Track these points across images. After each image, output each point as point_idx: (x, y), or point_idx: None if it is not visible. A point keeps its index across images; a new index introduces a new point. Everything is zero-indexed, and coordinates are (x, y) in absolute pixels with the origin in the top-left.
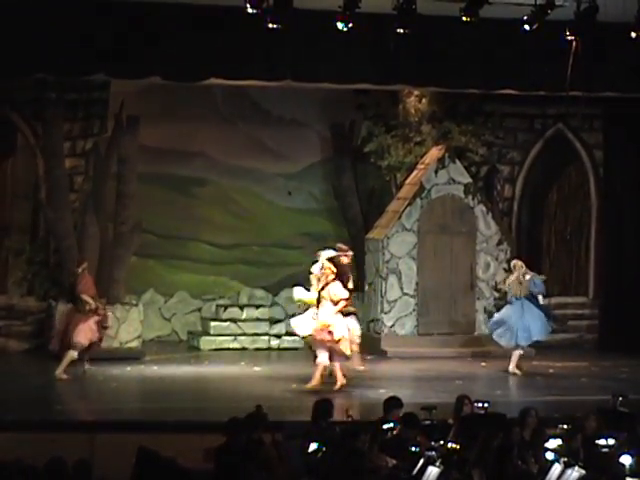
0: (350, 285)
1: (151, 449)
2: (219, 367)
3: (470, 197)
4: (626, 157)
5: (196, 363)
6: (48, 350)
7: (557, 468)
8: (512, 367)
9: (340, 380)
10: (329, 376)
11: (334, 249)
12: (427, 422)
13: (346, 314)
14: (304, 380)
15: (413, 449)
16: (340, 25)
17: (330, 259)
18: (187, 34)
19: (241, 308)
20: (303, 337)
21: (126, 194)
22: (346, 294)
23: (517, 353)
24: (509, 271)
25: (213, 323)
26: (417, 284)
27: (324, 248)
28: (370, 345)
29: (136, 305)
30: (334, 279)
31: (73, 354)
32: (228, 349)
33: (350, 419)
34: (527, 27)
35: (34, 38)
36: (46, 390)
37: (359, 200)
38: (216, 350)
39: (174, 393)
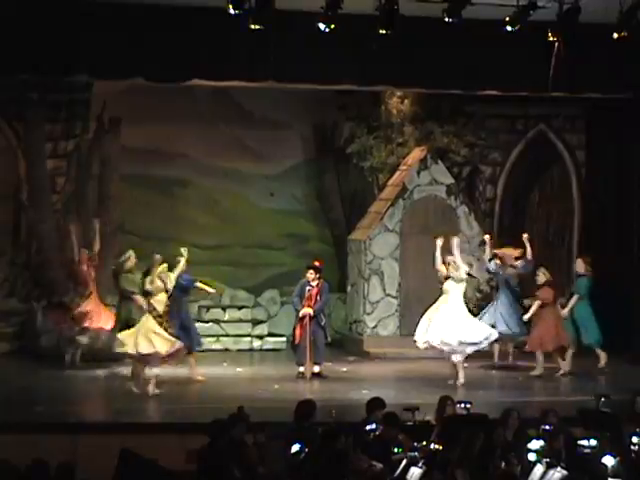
0: None
1: (134, 451)
2: (201, 368)
3: (452, 198)
4: (608, 158)
5: (178, 365)
6: (30, 351)
7: (539, 469)
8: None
9: None
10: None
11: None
12: (410, 423)
13: None
14: (286, 381)
15: (395, 450)
16: (322, 26)
17: None
18: (169, 35)
19: (223, 309)
20: None
21: (108, 195)
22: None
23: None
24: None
25: (196, 324)
26: (399, 285)
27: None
28: (352, 346)
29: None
30: None
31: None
32: (211, 350)
33: (333, 419)
34: (509, 28)
35: (16, 38)
36: (28, 392)
37: (341, 201)
38: (199, 351)
39: (156, 394)
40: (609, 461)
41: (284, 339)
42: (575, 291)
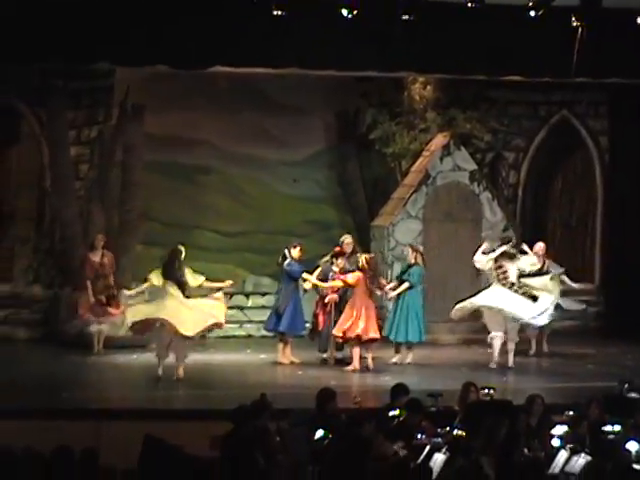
0: None
1: (158, 437)
2: (225, 355)
3: (475, 184)
4: (632, 143)
5: (202, 351)
6: (55, 338)
7: (563, 455)
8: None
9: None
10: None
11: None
12: (433, 409)
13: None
14: (310, 367)
15: (419, 436)
16: (345, 12)
17: None
18: (192, 21)
19: (247, 296)
20: None
21: (131, 182)
22: None
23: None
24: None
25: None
26: None
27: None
28: None
29: (142, 293)
30: None
31: None
32: (234, 337)
33: (358, 406)
34: (533, 13)
35: (39, 26)
36: (53, 378)
37: (364, 187)
38: (222, 338)
39: (180, 381)
40: (633, 447)
41: (307, 325)
42: (407, 279)
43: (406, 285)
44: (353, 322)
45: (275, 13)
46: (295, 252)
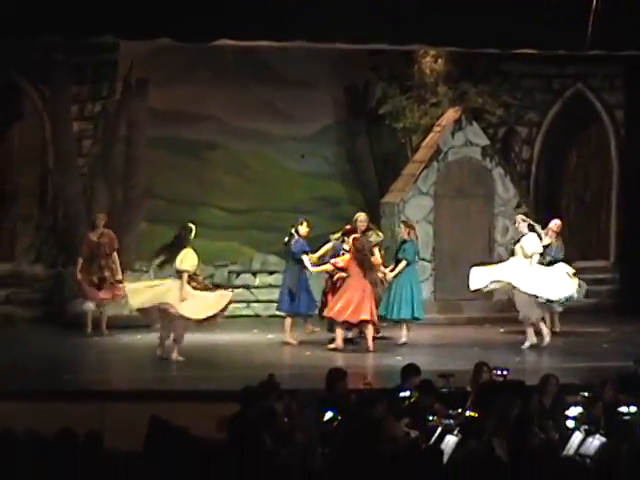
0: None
1: (163, 419)
2: (231, 335)
3: (488, 159)
4: None
5: (208, 331)
6: (57, 318)
7: (578, 436)
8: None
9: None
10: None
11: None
12: (444, 390)
13: None
14: (318, 347)
15: (430, 417)
16: None
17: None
18: None
19: (254, 274)
20: None
21: (135, 158)
22: None
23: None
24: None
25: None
26: (434, 249)
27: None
28: None
29: (147, 272)
30: None
31: None
32: (241, 316)
33: (368, 387)
34: None
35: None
36: (55, 359)
37: (374, 163)
38: (228, 317)
39: (185, 361)
40: None
41: (316, 304)
42: (402, 256)
43: (403, 264)
44: (342, 306)
45: None
46: (302, 229)
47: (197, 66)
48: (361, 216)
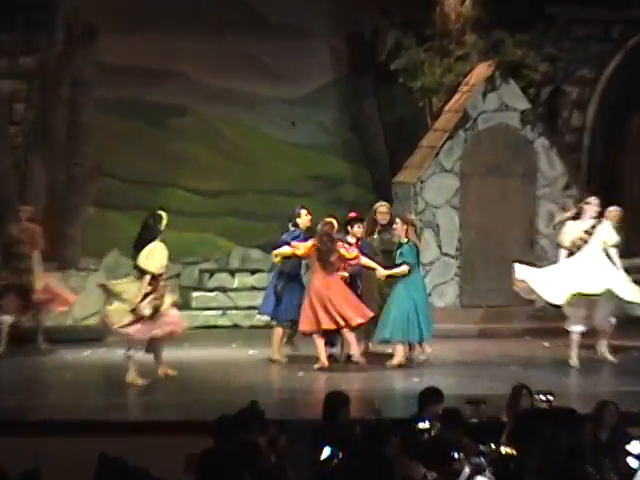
0: None
1: (116, 456)
2: (204, 350)
3: (528, 128)
4: None
5: (174, 345)
6: None
7: None
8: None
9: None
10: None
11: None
12: (474, 420)
13: None
14: (314, 366)
15: (456, 455)
16: None
17: None
18: None
19: (232, 274)
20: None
21: (82, 126)
22: None
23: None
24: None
25: (195, 294)
26: (460, 242)
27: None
28: None
29: (96, 271)
30: None
31: None
32: (215, 327)
33: (377, 416)
34: None
35: None
36: None
37: (384, 133)
38: (200, 328)
39: (146, 385)
40: None
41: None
42: (402, 261)
43: (404, 268)
44: (307, 316)
45: None
46: (302, 219)
47: (161, 9)
48: (382, 207)
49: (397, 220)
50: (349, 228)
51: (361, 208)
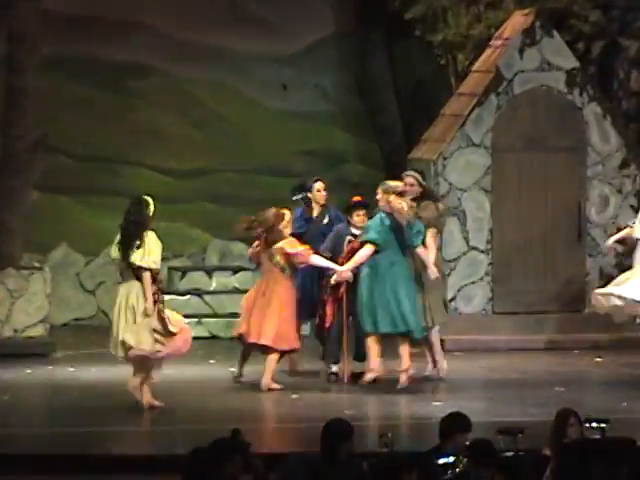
0: None
1: None
2: (174, 368)
3: (576, 91)
4: None
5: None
6: None
7: None
8: None
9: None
10: None
11: None
12: (509, 453)
13: None
14: (310, 387)
15: None
16: None
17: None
18: None
19: (209, 273)
20: None
21: (22, 91)
22: None
23: None
24: None
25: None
26: (491, 232)
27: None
28: None
29: (40, 269)
30: None
31: None
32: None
33: (387, 449)
34: None
35: None
36: None
37: (397, 98)
38: None
39: (103, 410)
40: None
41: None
42: (366, 238)
43: (365, 251)
44: (246, 321)
45: None
46: (318, 194)
47: None
48: (408, 178)
49: (380, 187)
50: (356, 217)
51: (368, 191)
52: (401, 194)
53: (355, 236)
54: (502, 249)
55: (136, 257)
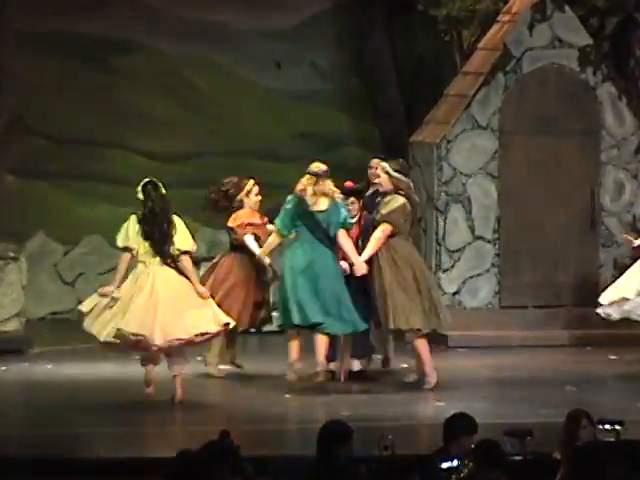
0: None
1: None
2: (159, 365)
3: (589, 70)
4: None
5: (120, 359)
6: None
7: None
8: None
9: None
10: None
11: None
12: (517, 457)
13: None
14: (304, 386)
15: None
16: None
17: None
18: None
19: (197, 264)
20: None
21: None
22: None
23: None
24: None
25: None
26: (498, 221)
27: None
28: None
29: (15, 259)
30: None
31: None
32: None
33: (388, 453)
34: None
35: None
36: None
37: (398, 77)
38: None
39: (83, 410)
40: None
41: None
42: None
43: (271, 239)
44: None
45: None
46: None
47: None
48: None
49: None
50: (352, 201)
51: (366, 176)
52: (317, 176)
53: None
54: (510, 239)
55: (178, 244)
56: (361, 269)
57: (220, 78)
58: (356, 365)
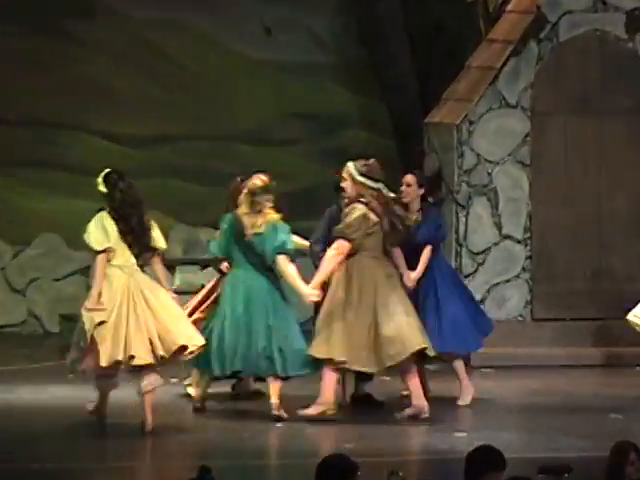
0: None
1: None
2: (129, 387)
3: (638, 38)
4: None
5: (81, 381)
6: None
7: None
8: None
9: None
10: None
11: None
12: None
13: None
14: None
15: None
16: None
17: None
18: None
19: (171, 268)
20: None
21: None
22: None
23: None
24: None
25: None
26: (530, 218)
27: None
28: None
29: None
30: None
31: None
32: None
33: None
34: None
35: None
36: None
37: (411, 47)
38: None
39: (40, 440)
40: None
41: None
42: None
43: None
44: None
45: None
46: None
47: None
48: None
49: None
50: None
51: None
52: (253, 194)
53: None
54: (543, 239)
55: (152, 242)
56: (311, 298)
57: (199, 47)
58: (361, 388)
